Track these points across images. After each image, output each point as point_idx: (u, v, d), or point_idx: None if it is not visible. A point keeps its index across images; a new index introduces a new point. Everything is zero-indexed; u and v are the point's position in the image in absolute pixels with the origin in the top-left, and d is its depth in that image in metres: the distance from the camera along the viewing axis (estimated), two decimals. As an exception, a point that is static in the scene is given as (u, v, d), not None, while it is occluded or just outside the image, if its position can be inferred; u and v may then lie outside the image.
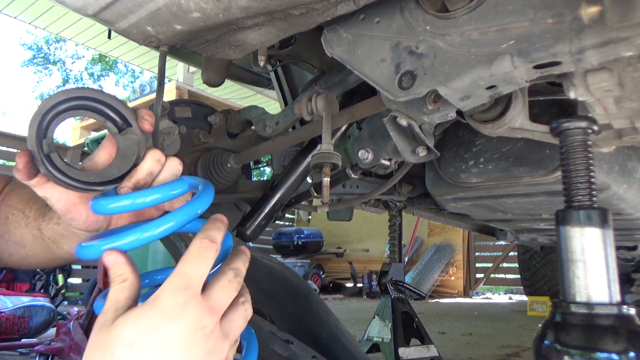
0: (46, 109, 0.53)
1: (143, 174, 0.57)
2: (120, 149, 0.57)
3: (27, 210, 0.68)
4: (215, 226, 0.53)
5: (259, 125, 1.18)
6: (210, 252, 0.50)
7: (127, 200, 0.54)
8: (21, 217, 0.68)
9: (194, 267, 0.48)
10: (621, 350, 0.60)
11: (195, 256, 0.49)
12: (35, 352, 2.20)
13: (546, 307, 4.36)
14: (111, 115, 0.56)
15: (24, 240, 0.68)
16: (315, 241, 7.77)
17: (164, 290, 0.46)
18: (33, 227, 0.66)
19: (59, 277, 4.77)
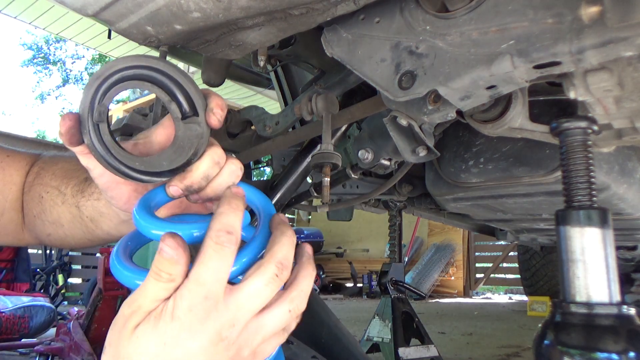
0: (110, 72, 0.46)
1: (198, 177, 0.50)
2: (178, 137, 0.49)
3: (63, 187, 0.63)
4: (231, 207, 0.44)
5: (259, 125, 1.18)
6: (229, 248, 0.42)
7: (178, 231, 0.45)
8: (57, 195, 0.64)
9: (211, 272, 0.41)
10: (621, 350, 0.60)
11: (211, 257, 0.42)
12: (35, 352, 2.21)
13: (546, 307, 4.36)
14: (178, 97, 0.49)
15: (61, 219, 0.64)
16: (315, 241, 7.77)
17: (182, 299, 0.41)
18: (70, 204, 0.62)
19: (59, 277, 4.78)
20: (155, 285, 0.42)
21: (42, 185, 0.65)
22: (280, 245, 0.45)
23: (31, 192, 0.67)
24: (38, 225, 0.67)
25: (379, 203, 1.97)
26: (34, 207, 0.66)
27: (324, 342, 1.19)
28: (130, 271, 0.46)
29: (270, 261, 0.44)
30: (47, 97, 19.82)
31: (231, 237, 0.42)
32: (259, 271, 0.43)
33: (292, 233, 0.47)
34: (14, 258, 3.62)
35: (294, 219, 9.61)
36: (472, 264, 7.59)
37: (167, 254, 0.41)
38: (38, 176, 0.67)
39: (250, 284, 0.43)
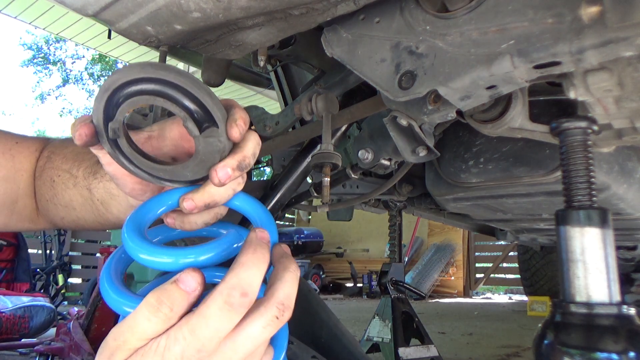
0: (119, 84, 0.43)
1: (221, 195, 0.47)
2: (198, 152, 0.46)
3: (74, 170, 0.62)
4: (255, 259, 0.39)
5: (259, 125, 1.18)
6: (239, 312, 0.37)
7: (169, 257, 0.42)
8: (68, 178, 0.62)
9: (211, 331, 0.37)
10: (621, 350, 0.60)
11: (213, 316, 0.37)
12: (35, 352, 2.21)
13: (546, 307, 4.36)
14: (194, 112, 0.44)
15: (73, 202, 0.63)
16: (315, 241, 7.78)
17: (175, 343, 0.37)
18: (82, 187, 0.61)
19: (59, 277, 4.78)
20: (146, 320, 0.38)
21: (54, 169, 0.65)
22: (282, 282, 0.41)
23: (43, 176, 0.66)
24: (51, 209, 0.66)
25: (379, 203, 1.97)
26: (46, 192, 0.66)
27: (324, 342, 1.19)
28: (120, 296, 0.42)
29: (272, 302, 0.39)
30: (47, 97, 19.83)
31: (245, 300, 0.37)
32: (258, 313, 0.39)
33: (295, 267, 0.43)
34: (14, 258, 3.62)
35: (294, 219, 9.61)
36: (472, 264, 7.60)
37: (185, 285, 0.38)
38: (49, 160, 0.66)
39: (249, 327, 0.38)
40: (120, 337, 0.38)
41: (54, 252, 4.98)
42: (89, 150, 0.62)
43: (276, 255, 0.45)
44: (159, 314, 0.37)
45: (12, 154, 0.68)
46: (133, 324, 0.38)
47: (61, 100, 27.95)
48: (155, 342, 0.38)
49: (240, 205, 0.51)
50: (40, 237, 4.98)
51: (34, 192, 0.69)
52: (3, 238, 3.55)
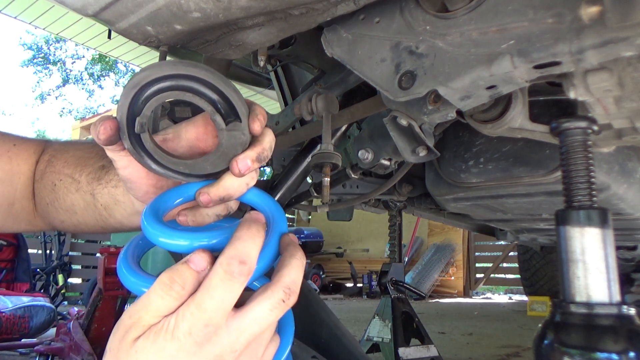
0: (147, 81, 0.45)
1: (235, 189, 0.50)
2: (222, 145, 0.48)
3: (77, 175, 0.63)
4: (250, 233, 0.42)
5: (259, 125, 1.17)
6: (239, 280, 0.40)
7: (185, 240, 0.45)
8: (70, 182, 0.63)
9: (215, 302, 0.39)
10: (621, 350, 0.60)
11: (217, 286, 0.39)
12: (35, 352, 2.21)
13: (546, 307, 4.36)
14: (220, 107, 0.47)
15: (74, 207, 0.63)
16: (315, 241, 7.78)
17: (183, 320, 0.39)
18: (85, 192, 0.62)
19: (59, 277, 4.78)
20: (159, 299, 0.40)
21: (55, 173, 0.65)
22: (289, 268, 0.43)
23: (43, 180, 0.66)
24: (51, 212, 0.67)
25: (379, 203, 1.97)
26: (46, 195, 0.66)
27: (324, 342, 1.19)
28: (136, 277, 0.45)
29: (278, 285, 0.41)
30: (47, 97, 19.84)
31: (244, 267, 0.40)
32: (265, 295, 0.41)
33: (302, 255, 0.45)
34: (14, 258, 3.62)
35: (294, 219, 9.61)
36: (472, 264, 7.60)
37: (195, 265, 0.40)
38: (50, 164, 0.67)
39: (256, 309, 0.41)
40: (135, 315, 0.40)
41: (54, 252, 4.98)
42: (92, 155, 0.62)
43: (283, 244, 0.47)
44: (171, 292, 0.40)
45: (9, 156, 0.68)
46: (147, 302, 0.40)
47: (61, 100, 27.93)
48: (166, 320, 0.40)
49: (253, 199, 0.53)
50: (40, 237, 4.99)
51: (32, 195, 0.69)
52: (3, 238, 3.55)
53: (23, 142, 0.70)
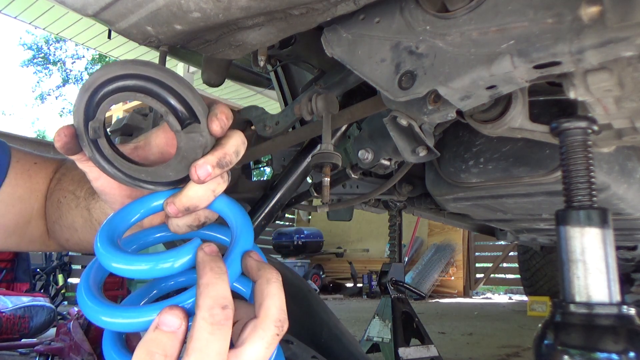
0: (99, 82, 0.43)
1: (200, 198, 0.46)
2: (180, 149, 0.45)
3: (78, 191, 0.62)
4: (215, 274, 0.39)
5: (259, 125, 1.18)
6: (228, 325, 0.37)
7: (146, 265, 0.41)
8: (72, 199, 0.62)
9: (212, 357, 0.36)
10: (621, 350, 0.60)
11: (208, 342, 0.36)
12: (35, 352, 2.21)
13: (546, 307, 4.36)
14: (175, 107, 0.44)
15: (75, 223, 0.62)
16: (315, 241, 7.78)
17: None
18: (82, 207, 0.61)
19: (59, 277, 4.77)
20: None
21: (61, 190, 0.64)
22: (271, 298, 0.40)
23: (52, 198, 0.66)
24: (57, 230, 0.66)
25: (379, 203, 1.97)
26: (53, 213, 0.66)
27: (324, 342, 1.19)
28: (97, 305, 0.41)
29: (269, 322, 0.39)
30: (47, 97, 19.84)
31: (227, 311, 0.37)
32: (258, 334, 0.38)
33: (277, 276, 0.42)
34: (14, 258, 3.62)
35: (294, 219, 9.61)
36: (472, 264, 7.59)
37: (168, 326, 0.37)
38: (59, 182, 0.66)
39: (253, 349, 0.38)
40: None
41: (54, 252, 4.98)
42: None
43: (252, 268, 0.43)
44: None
45: (29, 174, 0.67)
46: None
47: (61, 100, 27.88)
48: None
49: (221, 209, 0.49)
50: (40, 237, 4.98)
51: (44, 215, 0.69)
52: (3, 238, 3.55)
53: (44, 162, 0.70)
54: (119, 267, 0.41)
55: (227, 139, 0.46)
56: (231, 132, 0.47)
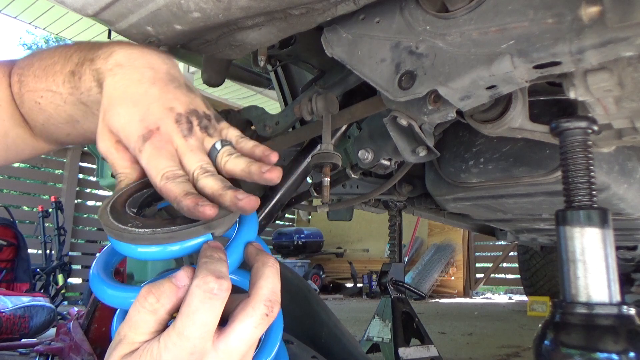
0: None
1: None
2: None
3: (54, 86, 0.58)
4: (216, 256, 0.41)
5: (259, 125, 1.18)
6: (221, 297, 0.38)
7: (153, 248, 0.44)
8: (52, 96, 0.58)
9: (198, 326, 0.37)
10: (621, 350, 0.60)
11: (197, 309, 0.37)
12: (35, 352, 2.21)
13: (546, 307, 4.36)
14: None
15: (74, 116, 0.59)
16: (315, 241, 7.77)
17: (166, 350, 0.37)
18: (74, 103, 0.58)
19: (59, 277, 4.77)
20: (136, 312, 0.38)
21: (31, 91, 0.60)
22: (264, 278, 0.41)
23: (25, 103, 0.62)
24: (52, 130, 0.63)
25: (379, 203, 1.97)
26: (37, 116, 0.62)
27: (324, 342, 1.19)
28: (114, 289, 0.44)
29: (258, 300, 0.40)
30: (47, 97, 19.80)
31: (222, 282, 0.38)
32: (247, 312, 0.39)
33: (274, 261, 0.44)
34: (14, 258, 3.62)
35: (294, 219, 9.61)
36: (472, 264, 7.59)
37: (178, 280, 0.39)
38: (22, 84, 0.61)
39: (240, 327, 0.39)
40: (122, 331, 0.39)
41: (54, 252, 4.98)
42: (54, 60, 0.58)
43: (251, 255, 0.45)
44: (145, 304, 0.38)
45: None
46: (128, 317, 0.39)
47: (61, 100, 27.88)
48: (149, 346, 0.38)
49: None
50: (40, 237, 4.99)
51: (22, 121, 0.65)
52: (3, 238, 3.55)
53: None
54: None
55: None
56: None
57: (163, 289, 0.39)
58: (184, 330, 0.37)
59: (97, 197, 7.23)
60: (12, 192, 7.17)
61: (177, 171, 0.48)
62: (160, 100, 0.52)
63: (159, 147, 0.49)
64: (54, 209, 4.95)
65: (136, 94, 0.51)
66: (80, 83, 0.56)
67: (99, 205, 3.51)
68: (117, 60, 0.54)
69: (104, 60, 0.55)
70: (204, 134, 0.53)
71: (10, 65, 0.65)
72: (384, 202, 1.97)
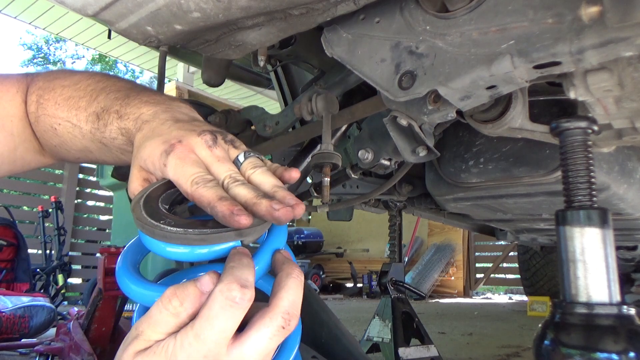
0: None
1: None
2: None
3: (74, 120, 0.59)
4: (244, 263, 0.40)
5: (259, 125, 1.18)
6: (242, 306, 0.38)
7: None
8: (72, 127, 0.60)
9: (216, 332, 0.37)
10: (621, 350, 0.60)
11: (217, 315, 0.37)
12: (35, 352, 2.21)
13: (546, 307, 4.36)
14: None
15: (88, 148, 0.61)
16: (315, 241, 7.77)
17: (181, 349, 0.37)
18: (93, 140, 0.59)
19: (59, 277, 4.77)
20: (158, 312, 0.39)
21: (49, 116, 0.61)
22: (286, 290, 0.41)
23: (40, 123, 0.63)
24: (62, 153, 0.64)
25: (379, 203, 1.97)
26: (51, 139, 0.63)
27: (324, 342, 1.19)
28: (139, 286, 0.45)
29: (276, 311, 0.39)
30: (47, 97, 19.78)
31: (245, 292, 0.38)
32: (263, 322, 0.39)
33: (299, 273, 0.43)
34: (14, 258, 3.62)
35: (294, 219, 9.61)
36: (472, 264, 7.59)
37: (203, 285, 0.39)
38: (40, 106, 0.62)
39: (256, 337, 0.38)
40: (140, 327, 0.39)
41: (54, 252, 4.98)
42: (81, 94, 0.59)
43: (278, 262, 0.45)
44: (168, 306, 0.38)
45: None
46: (149, 314, 0.39)
47: (61, 100, 27.88)
48: (165, 344, 0.38)
49: None
50: (40, 237, 4.99)
51: (33, 136, 0.66)
52: (3, 238, 3.55)
53: (1, 83, 0.65)
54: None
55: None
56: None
57: (187, 292, 0.39)
58: (201, 333, 0.37)
59: (97, 197, 7.23)
60: (12, 192, 7.17)
61: (207, 176, 0.47)
62: (183, 128, 0.53)
63: (183, 156, 0.48)
64: (54, 209, 4.95)
65: (161, 130, 0.53)
66: (105, 129, 0.58)
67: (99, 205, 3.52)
68: (144, 118, 0.56)
69: (133, 122, 0.56)
70: (229, 146, 0.53)
71: (27, 81, 0.66)
72: (384, 202, 1.97)
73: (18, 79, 0.66)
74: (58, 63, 19.12)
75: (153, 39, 0.71)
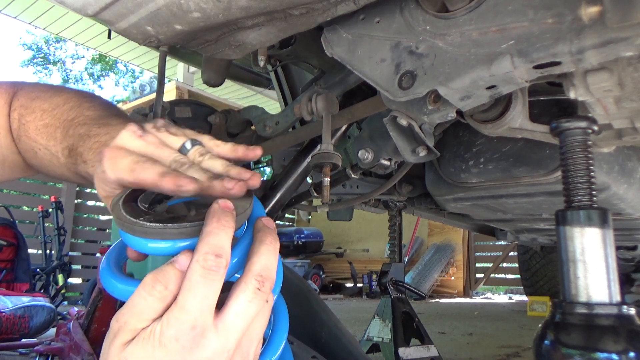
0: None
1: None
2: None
3: (52, 148, 0.59)
4: (220, 225, 0.41)
5: (259, 125, 1.18)
6: (217, 273, 0.39)
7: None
8: (50, 156, 0.60)
9: (198, 300, 0.38)
10: (621, 350, 0.60)
11: (197, 283, 0.38)
12: (35, 352, 2.21)
13: (546, 307, 4.36)
14: None
15: (67, 177, 0.61)
16: (315, 241, 7.77)
17: (168, 326, 0.38)
18: (70, 171, 0.59)
19: (59, 277, 4.77)
20: (142, 300, 0.39)
21: (30, 139, 0.61)
22: (258, 255, 0.43)
23: (22, 143, 0.63)
24: (45, 171, 0.65)
25: (379, 203, 1.97)
26: (32, 159, 0.63)
27: (324, 342, 1.19)
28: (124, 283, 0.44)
29: (248, 275, 0.41)
30: (47, 97, 19.75)
31: (220, 260, 0.39)
32: (239, 289, 0.41)
33: (272, 239, 0.44)
34: (14, 258, 3.62)
35: (294, 219, 9.61)
36: (472, 264, 7.59)
37: (179, 264, 0.40)
38: (22, 126, 0.62)
39: (235, 303, 0.40)
40: (122, 319, 0.40)
41: (54, 252, 4.98)
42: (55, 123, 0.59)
43: (254, 230, 0.46)
44: (153, 292, 0.39)
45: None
46: (131, 304, 0.40)
47: (61, 100, 27.85)
48: (151, 328, 0.39)
49: None
50: (40, 237, 4.98)
51: (17, 151, 0.66)
52: (3, 238, 3.55)
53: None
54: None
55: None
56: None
57: (169, 275, 0.40)
58: (185, 304, 0.38)
59: (97, 197, 7.22)
60: (12, 192, 7.17)
61: (142, 159, 0.48)
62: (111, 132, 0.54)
63: (114, 155, 0.48)
64: (54, 209, 4.95)
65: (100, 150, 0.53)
66: (77, 167, 0.58)
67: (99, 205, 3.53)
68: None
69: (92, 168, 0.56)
70: (162, 132, 0.52)
71: (12, 91, 0.65)
72: (384, 202, 1.97)
73: (6, 89, 0.65)
74: (58, 63, 19.12)
75: (153, 39, 0.71)
